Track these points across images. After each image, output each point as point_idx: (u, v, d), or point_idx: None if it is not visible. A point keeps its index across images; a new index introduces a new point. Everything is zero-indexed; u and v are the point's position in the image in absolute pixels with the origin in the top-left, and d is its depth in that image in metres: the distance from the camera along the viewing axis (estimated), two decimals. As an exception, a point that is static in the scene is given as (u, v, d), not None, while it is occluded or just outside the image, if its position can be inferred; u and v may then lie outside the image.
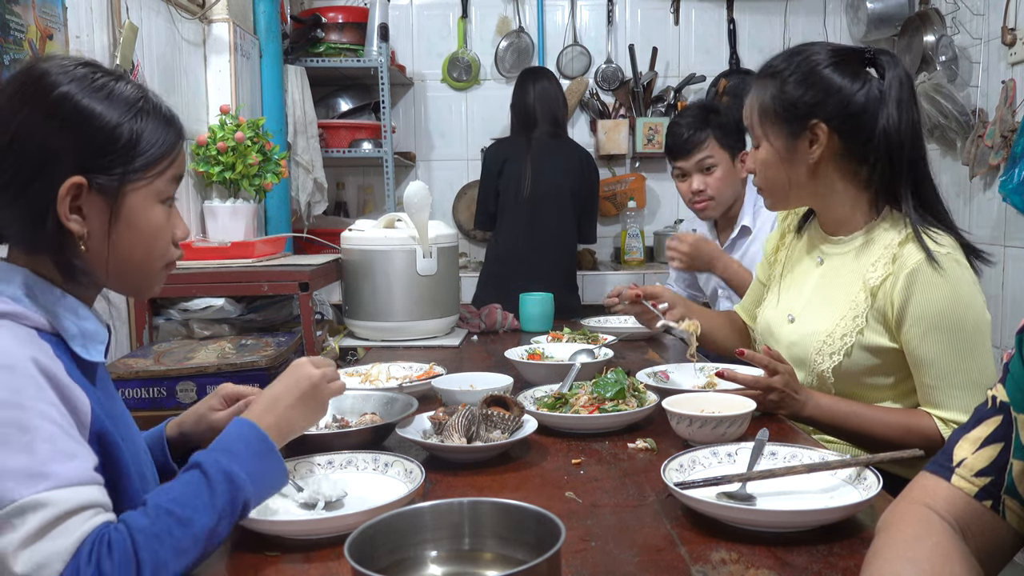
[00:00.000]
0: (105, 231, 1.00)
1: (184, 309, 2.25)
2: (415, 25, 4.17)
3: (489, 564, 0.84)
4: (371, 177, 4.22)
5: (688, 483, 1.06)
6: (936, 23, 3.58)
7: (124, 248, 1.02)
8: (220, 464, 0.95)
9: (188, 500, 0.90)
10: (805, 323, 1.58)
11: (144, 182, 1.02)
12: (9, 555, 0.80)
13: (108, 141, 0.98)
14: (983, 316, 1.42)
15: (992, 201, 3.23)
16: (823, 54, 1.50)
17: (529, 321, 2.46)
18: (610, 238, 4.19)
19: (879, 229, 1.51)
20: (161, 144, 1.03)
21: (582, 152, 3.27)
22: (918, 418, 1.45)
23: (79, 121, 0.97)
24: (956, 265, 1.41)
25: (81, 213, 0.99)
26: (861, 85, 1.46)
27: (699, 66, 4.14)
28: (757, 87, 1.55)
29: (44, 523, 0.81)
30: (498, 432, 1.28)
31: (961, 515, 0.85)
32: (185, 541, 0.87)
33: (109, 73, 1.02)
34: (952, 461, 0.89)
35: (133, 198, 1.01)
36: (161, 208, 1.05)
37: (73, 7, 1.98)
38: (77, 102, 0.97)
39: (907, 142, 1.45)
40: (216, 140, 2.51)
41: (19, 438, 0.84)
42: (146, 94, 1.04)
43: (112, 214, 1.00)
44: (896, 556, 0.80)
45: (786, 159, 1.52)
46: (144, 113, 1.01)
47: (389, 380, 1.71)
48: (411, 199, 2.24)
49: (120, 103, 0.99)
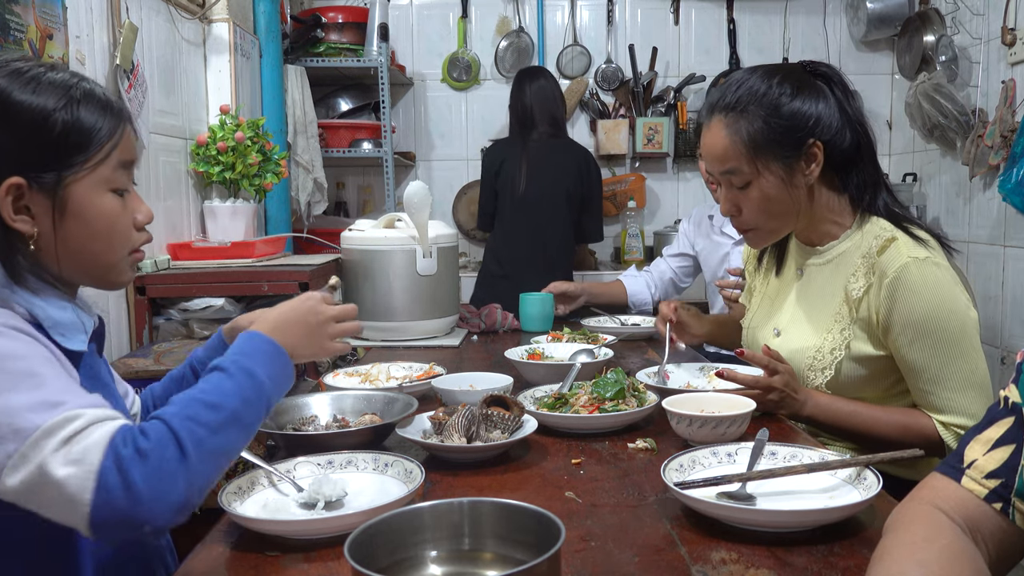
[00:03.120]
0: (52, 228, 0.98)
1: (184, 309, 2.25)
2: (415, 25, 4.17)
3: (489, 564, 0.84)
4: (371, 177, 4.22)
5: (688, 483, 1.06)
6: (936, 23, 3.59)
7: (77, 241, 1.00)
8: (239, 363, 0.99)
9: (213, 389, 0.94)
10: (792, 338, 1.57)
11: (85, 172, 0.98)
12: (48, 464, 0.81)
13: (40, 134, 0.95)
14: (968, 316, 1.42)
15: (992, 201, 3.23)
16: (777, 80, 1.46)
17: (529, 321, 2.45)
18: (610, 238, 4.19)
19: (854, 237, 1.51)
20: (99, 131, 0.99)
21: (581, 152, 3.27)
22: (917, 418, 1.45)
23: (8, 117, 0.94)
24: (936, 268, 1.41)
25: (29, 212, 0.97)
26: (828, 95, 1.47)
27: (699, 66, 4.14)
28: (730, 125, 1.46)
29: (74, 431, 0.83)
30: (498, 432, 1.28)
31: (971, 517, 0.84)
32: (217, 420, 0.90)
33: (41, 64, 0.99)
34: (963, 462, 0.88)
35: (77, 190, 0.98)
36: (112, 197, 1.02)
37: (73, 7, 1.98)
38: (6, 98, 0.94)
39: (868, 134, 1.49)
40: (216, 140, 2.51)
41: (28, 380, 0.86)
42: (78, 81, 1.00)
43: (56, 209, 0.97)
44: (904, 557, 0.79)
45: (789, 184, 1.47)
46: (75, 101, 0.97)
47: (389, 380, 1.71)
48: (411, 199, 2.25)
49: (50, 93, 0.96)
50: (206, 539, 1.03)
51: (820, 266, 1.56)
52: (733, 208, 1.52)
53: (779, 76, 1.46)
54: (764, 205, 1.48)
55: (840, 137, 1.46)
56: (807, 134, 1.44)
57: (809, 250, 1.58)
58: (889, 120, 4.12)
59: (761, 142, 1.44)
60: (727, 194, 1.52)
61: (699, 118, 2.59)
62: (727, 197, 1.52)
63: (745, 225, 1.53)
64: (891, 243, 1.44)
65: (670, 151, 4.11)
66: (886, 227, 1.48)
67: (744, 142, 1.45)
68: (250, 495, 1.11)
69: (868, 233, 1.49)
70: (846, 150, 1.47)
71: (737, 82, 1.48)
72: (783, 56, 4.11)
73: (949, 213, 3.58)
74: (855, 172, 1.50)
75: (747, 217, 1.51)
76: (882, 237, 1.46)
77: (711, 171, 1.53)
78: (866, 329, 1.46)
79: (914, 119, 3.57)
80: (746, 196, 1.49)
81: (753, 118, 1.44)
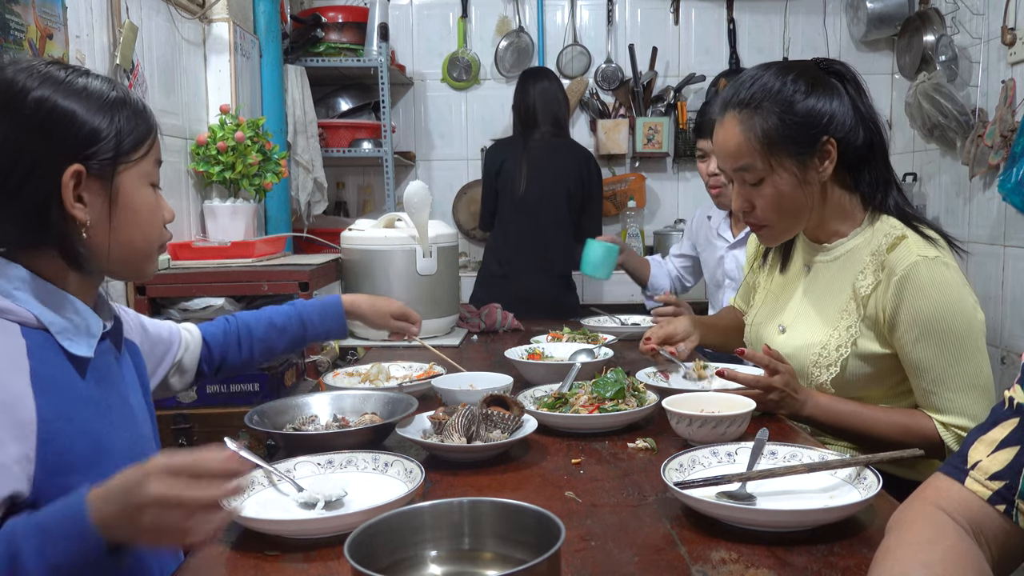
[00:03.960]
0: (106, 215, 1.05)
1: (184, 309, 2.25)
2: (415, 25, 4.17)
3: (489, 564, 0.84)
4: (371, 177, 4.22)
5: (688, 483, 1.06)
6: (936, 23, 3.58)
7: (125, 231, 1.07)
8: (18, 542, 0.83)
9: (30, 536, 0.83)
10: (797, 335, 1.57)
11: (133, 163, 1.07)
12: None
13: (93, 131, 1.03)
14: (975, 317, 1.42)
15: (992, 201, 3.23)
16: (791, 77, 1.45)
17: (590, 265, 2.43)
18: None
19: (864, 235, 1.51)
20: (141, 127, 1.08)
21: (582, 152, 3.27)
22: (917, 418, 1.45)
23: (60, 118, 1.01)
24: (945, 268, 1.41)
25: (83, 201, 1.03)
26: (842, 93, 1.47)
27: (699, 66, 4.13)
28: (744, 122, 1.45)
29: None
30: (498, 432, 1.28)
31: (974, 519, 0.84)
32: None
33: (75, 69, 1.06)
34: (967, 463, 0.87)
35: (126, 179, 1.06)
36: (151, 190, 1.11)
37: (73, 7, 1.98)
38: (55, 102, 1.00)
39: (881, 132, 1.49)
40: (216, 140, 2.51)
41: None
42: (116, 84, 1.08)
43: (111, 196, 1.05)
44: (908, 558, 0.79)
45: (802, 181, 1.46)
46: (120, 102, 1.06)
47: (389, 380, 1.71)
48: (411, 199, 2.25)
49: (95, 96, 1.04)
50: (206, 539, 1.03)
51: (828, 263, 1.56)
52: (746, 204, 1.51)
53: (793, 73, 1.46)
54: (777, 202, 1.48)
55: (853, 135, 1.46)
56: (821, 131, 1.44)
57: (817, 247, 1.58)
58: (889, 120, 4.12)
59: (775, 139, 1.44)
60: (740, 190, 1.51)
61: (698, 117, 2.59)
62: (740, 193, 1.51)
63: (758, 222, 1.53)
64: (901, 241, 1.43)
65: (670, 151, 4.11)
66: (896, 225, 1.48)
67: (758, 139, 1.44)
68: (250, 495, 1.11)
69: (878, 231, 1.49)
70: (859, 148, 1.47)
71: (751, 79, 1.48)
72: (783, 56, 4.11)
73: (949, 213, 3.58)
74: (867, 170, 1.50)
75: (760, 214, 1.51)
76: (892, 235, 1.45)
77: (724, 168, 1.53)
78: (873, 327, 1.46)
79: (914, 119, 3.57)
80: (759, 193, 1.48)
81: (768, 115, 1.44)
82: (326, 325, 1.60)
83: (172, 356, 1.40)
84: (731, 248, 2.55)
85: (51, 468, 0.95)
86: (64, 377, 1.01)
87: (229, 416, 2.07)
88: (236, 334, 1.51)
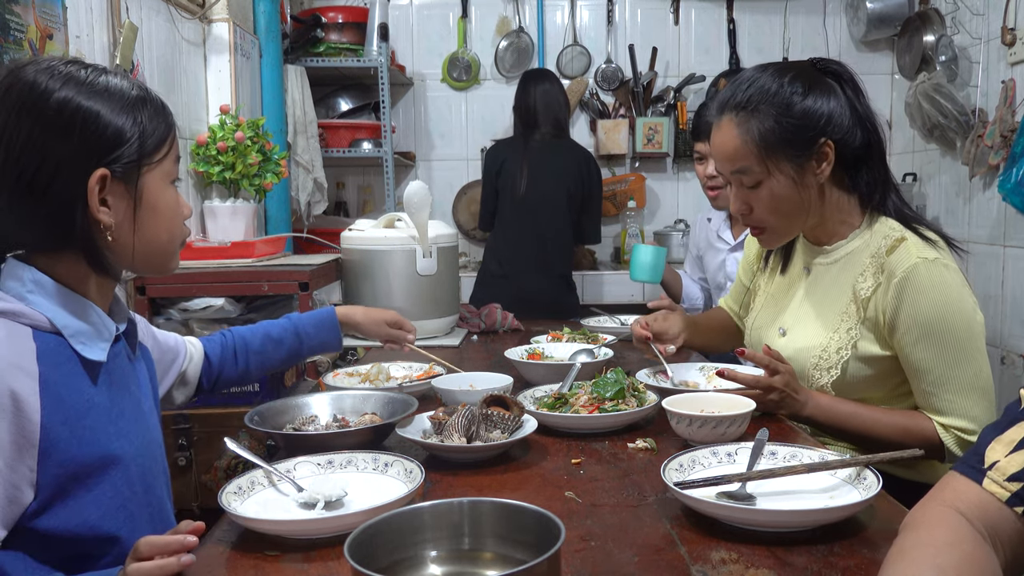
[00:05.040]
0: (131, 217, 1.05)
1: (184, 309, 2.25)
2: (415, 25, 4.17)
3: (489, 564, 0.84)
4: (371, 177, 4.22)
5: (688, 483, 1.06)
6: (936, 23, 3.58)
7: (149, 231, 1.08)
8: None
9: None
10: (798, 337, 1.57)
11: (156, 164, 1.08)
12: None
13: (118, 132, 1.02)
14: (974, 319, 1.42)
15: (992, 201, 3.23)
16: (788, 79, 1.45)
17: (640, 270, 2.42)
18: (610, 238, 4.18)
19: (864, 236, 1.51)
20: (162, 125, 1.08)
21: (582, 153, 3.27)
22: (917, 420, 1.45)
23: (85, 120, 1.00)
24: (945, 270, 1.41)
25: (107, 205, 1.03)
26: (839, 93, 1.46)
27: (699, 66, 4.13)
28: (741, 124, 1.45)
29: None
30: (498, 432, 1.28)
31: (992, 522, 0.83)
32: None
33: (95, 68, 1.05)
34: (984, 463, 0.86)
35: (150, 180, 1.07)
36: (172, 188, 1.12)
37: (73, 7, 1.98)
38: (79, 103, 0.99)
39: (879, 133, 1.49)
40: (216, 140, 2.51)
41: None
42: (136, 84, 1.08)
43: (136, 198, 1.05)
44: (923, 559, 0.78)
45: (800, 184, 1.46)
46: (141, 101, 1.06)
47: (389, 380, 1.71)
48: (411, 199, 2.24)
49: (117, 95, 1.03)
50: (206, 539, 1.03)
51: (828, 265, 1.55)
52: (744, 207, 1.51)
53: (790, 74, 1.45)
54: (775, 204, 1.47)
55: (851, 136, 1.45)
56: (818, 133, 1.43)
57: (817, 249, 1.58)
58: (889, 120, 4.12)
59: (772, 141, 1.43)
60: (738, 193, 1.51)
61: (695, 120, 2.60)
62: (738, 196, 1.51)
63: (756, 224, 1.53)
64: (900, 243, 1.43)
65: (670, 151, 4.11)
66: (895, 227, 1.47)
67: (755, 141, 1.44)
68: (250, 495, 1.11)
69: (877, 233, 1.49)
70: (857, 149, 1.47)
71: (748, 81, 1.47)
72: (783, 56, 4.11)
73: (949, 213, 3.58)
74: (865, 171, 1.49)
75: (758, 216, 1.50)
76: (891, 237, 1.45)
77: (721, 170, 1.52)
78: (873, 329, 1.46)
79: (914, 119, 3.57)
80: (757, 195, 1.48)
81: (764, 117, 1.43)
82: (321, 336, 1.60)
83: (178, 367, 1.40)
84: (732, 251, 2.56)
85: (53, 476, 0.95)
86: (75, 382, 1.00)
87: (229, 416, 2.07)
88: (232, 347, 1.50)
